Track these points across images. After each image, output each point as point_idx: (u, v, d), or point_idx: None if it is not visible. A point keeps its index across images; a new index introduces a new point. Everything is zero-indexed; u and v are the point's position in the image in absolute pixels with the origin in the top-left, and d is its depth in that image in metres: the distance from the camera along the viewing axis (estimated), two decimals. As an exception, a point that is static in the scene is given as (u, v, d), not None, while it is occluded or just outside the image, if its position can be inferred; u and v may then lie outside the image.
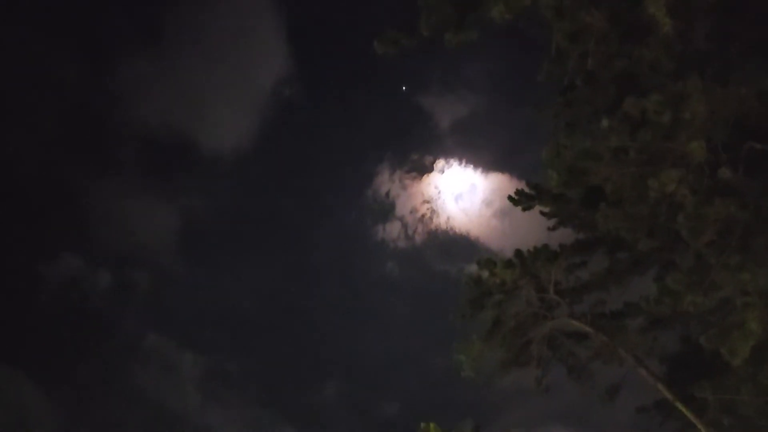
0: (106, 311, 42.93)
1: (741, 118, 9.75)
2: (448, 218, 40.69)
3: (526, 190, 14.65)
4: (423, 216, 41.29)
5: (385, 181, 42.04)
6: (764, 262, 9.62)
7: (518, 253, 14.92)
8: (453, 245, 40.87)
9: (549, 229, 14.95)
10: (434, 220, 41.10)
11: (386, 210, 42.62)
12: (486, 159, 43.36)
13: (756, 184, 10.23)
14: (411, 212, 41.70)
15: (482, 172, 39.20)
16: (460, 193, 40.21)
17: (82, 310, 41.43)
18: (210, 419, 40.33)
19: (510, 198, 14.81)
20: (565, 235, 15.02)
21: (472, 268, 15.94)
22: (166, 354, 41.71)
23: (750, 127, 9.97)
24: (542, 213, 14.85)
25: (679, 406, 13.11)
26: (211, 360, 43.44)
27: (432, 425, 17.40)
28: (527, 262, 14.85)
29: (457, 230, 40.48)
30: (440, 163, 40.21)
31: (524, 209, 14.84)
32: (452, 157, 40.02)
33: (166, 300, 44.35)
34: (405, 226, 42.01)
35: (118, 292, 42.71)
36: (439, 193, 40.73)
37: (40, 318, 40.78)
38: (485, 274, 15.44)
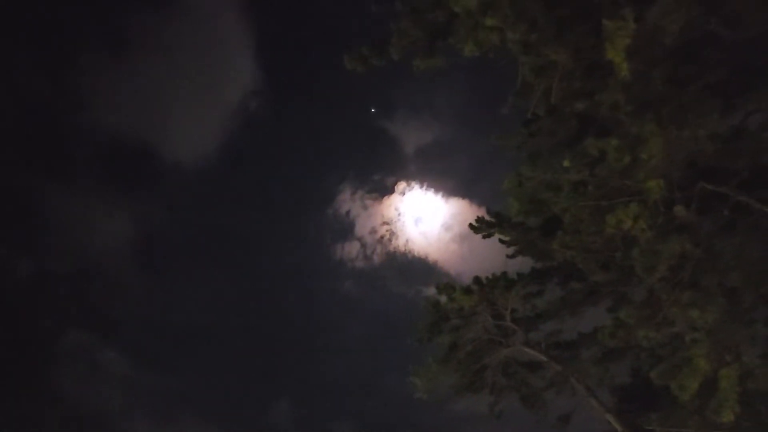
0: (53, 316, 41.43)
1: (695, 158, 10.09)
2: (407, 241, 40.85)
3: (487, 217, 14.73)
4: (382, 237, 41.36)
5: (346, 201, 42.01)
6: (713, 300, 9.89)
7: (477, 279, 15.00)
8: (411, 268, 41.02)
9: (508, 256, 15.05)
10: (393, 241, 41.19)
11: (346, 229, 42.55)
12: (447, 184, 43.93)
13: (707, 222, 10.58)
14: (370, 233, 41.72)
15: (443, 196, 39.59)
16: (420, 217, 40.47)
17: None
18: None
19: (471, 225, 14.85)
20: (523, 263, 15.19)
21: (431, 292, 15.97)
22: (108, 365, 40.42)
23: (702, 168, 10.33)
24: (501, 241, 14.98)
25: (628, 437, 13.29)
26: (156, 374, 42.23)
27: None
28: (485, 288, 14.93)
29: (415, 253, 40.65)
30: (402, 186, 40.44)
31: (484, 236, 14.92)
32: (414, 181, 40.29)
33: (114, 309, 43.01)
34: (364, 246, 41.96)
35: (64, 299, 41.26)
36: (399, 215, 40.89)
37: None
38: (444, 298, 15.46)
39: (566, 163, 10.22)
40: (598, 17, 9.56)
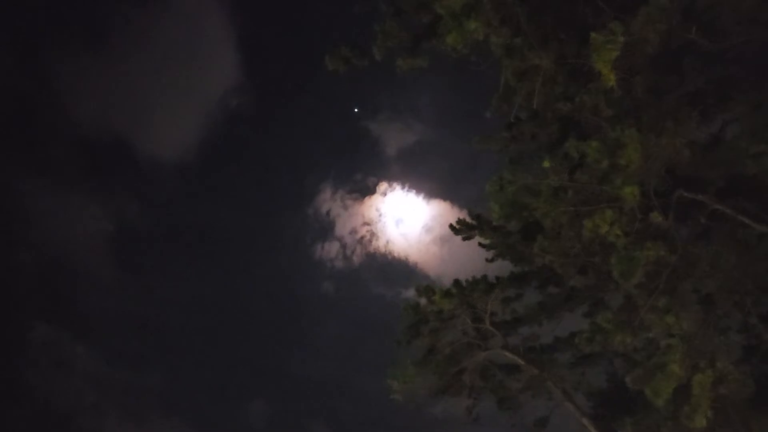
0: (22, 310, 40.57)
1: (672, 166, 10.20)
2: (388, 242, 40.81)
3: (468, 219, 14.78)
4: (362, 238, 41.27)
5: (327, 200, 41.86)
6: (689, 306, 10.01)
7: (457, 282, 15.00)
8: (391, 269, 41.00)
9: (487, 260, 15.11)
10: (373, 242, 41.13)
11: (326, 229, 42.37)
12: (429, 186, 43.94)
13: (684, 230, 10.71)
14: (351, 233, 41.60)
15: (424, 198, 39.61)
16: (401, 218, 40.44)
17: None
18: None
19: (451, 227, 14.90)
20: (503, 266, 15.24)
21: (410, 294, 15.96)
22: (79, 362, 39.76)
23: (680, 176, 10.45)
24: (481, 245, 15.01)
25: (603, 441, 13.39)
26: (129, 371, 41.63)
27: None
28: (465, 291, 14.94)
29: (395, 254, 40.63)
30: (383, 186, 40.39)
31: (464, 239, 14.95)
32: (395, 182, 40.24)
33: (87, 305, 42.30)
34: (344, 246, 41.83)
35: (34, 292, 40.46)
36: (380, 215, 40.84)
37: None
38: (423, 301, 15.44)
39: (546, 164, 10.30)
40: (581, 23, 9.64)
